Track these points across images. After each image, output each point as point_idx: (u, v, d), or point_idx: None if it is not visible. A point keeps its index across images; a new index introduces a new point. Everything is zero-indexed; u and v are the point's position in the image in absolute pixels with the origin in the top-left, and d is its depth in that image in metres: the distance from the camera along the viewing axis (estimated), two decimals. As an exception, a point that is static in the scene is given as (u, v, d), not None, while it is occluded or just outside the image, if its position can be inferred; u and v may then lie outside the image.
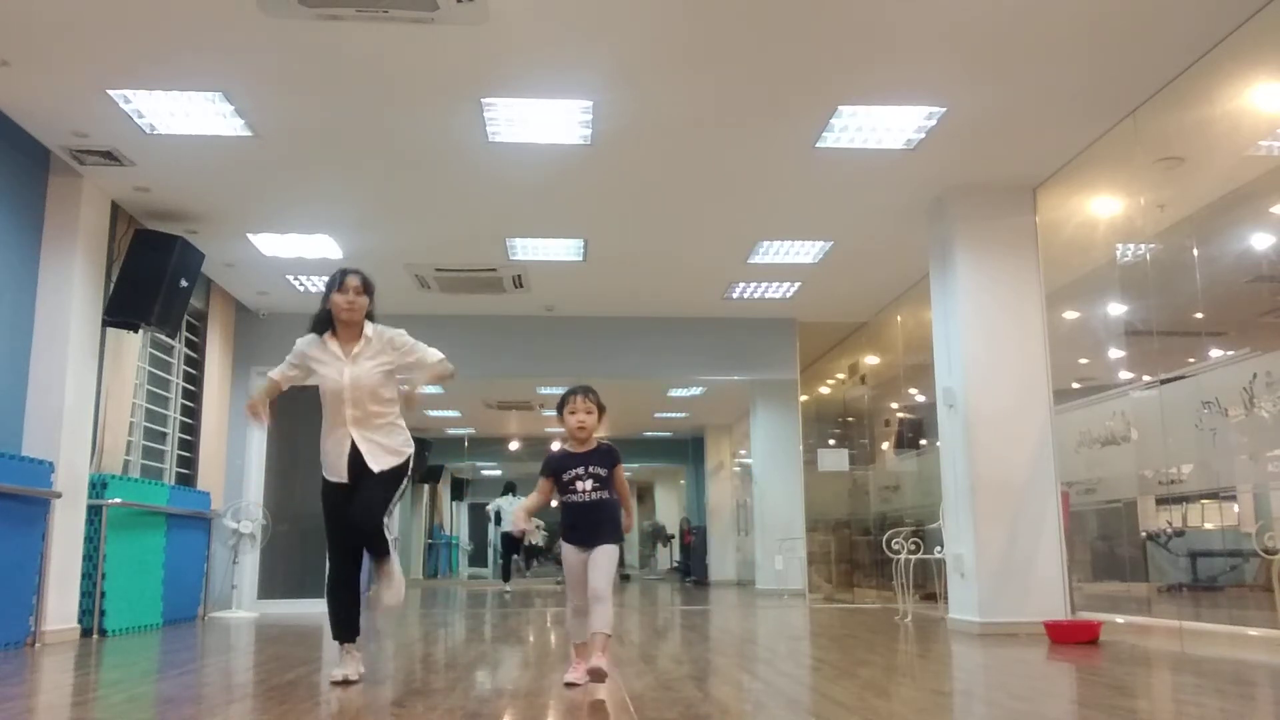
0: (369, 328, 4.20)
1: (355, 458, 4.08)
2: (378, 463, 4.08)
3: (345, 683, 3.97)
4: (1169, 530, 6.24)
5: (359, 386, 4.09)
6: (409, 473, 4.22)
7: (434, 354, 4.30)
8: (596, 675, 3.63)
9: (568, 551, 3.94)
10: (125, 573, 7.00)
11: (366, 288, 4.20)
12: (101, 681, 4.32)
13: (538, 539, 17.23)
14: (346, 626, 4.12)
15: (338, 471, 4.12)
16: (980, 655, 5.19)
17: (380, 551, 4.03)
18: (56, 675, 4.55)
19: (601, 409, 4.02)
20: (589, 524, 3.90)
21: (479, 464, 22.84)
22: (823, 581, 11.67)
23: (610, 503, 3.94)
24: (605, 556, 3.86)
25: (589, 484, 3.91)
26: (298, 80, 5.35)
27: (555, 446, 4.19)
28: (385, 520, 4.09)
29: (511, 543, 14.67)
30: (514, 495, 14.96)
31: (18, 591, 5.70)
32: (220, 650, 5.79)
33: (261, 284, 9.11)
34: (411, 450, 4.23)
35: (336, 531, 4.13)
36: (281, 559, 9.54)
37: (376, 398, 4.12)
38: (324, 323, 4.23)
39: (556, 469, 3.96)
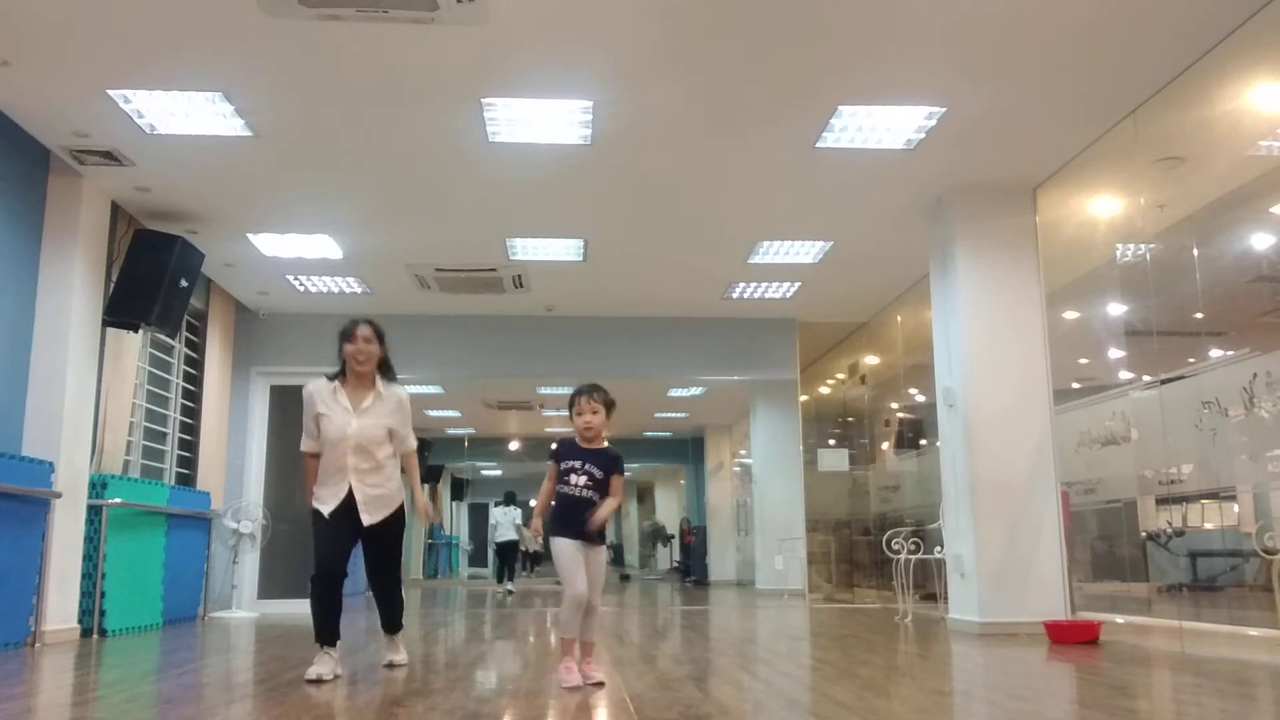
0: (380, 384, 4.34)
1: (349, 504, 4.25)
2: (371, 516, 4.27)
3: (319, 681, 4.02)
4: (1169, 530, 6.25)
5: (364, 438, 4.24)
6: (404, 516, 4.50)
7: (413, 440, 4.50)
8: (600, 686, 3.85)
9: (565, 545, 3.94)
10: (125, 573, 7.00)
11: (378, 336, 4.33)
12: (101, 681, 4.32)
13: (535, 545, 17.33)
14: (330, 629, 4.22)
15: (328, 506, 4.26)
16: (980, 655, 5.19)
17: (392, 609, 4.52)
18: (56, 675, 4.55)
19: (610, 405, 4.07)
20: (579, 519, 3.95)
21: (479, 464, 22.83)
22: (823, 581, 11.67)
23: (597, 505, 4.00)
24: (600, 569, 4.02)
25: (582, 479, 3.97)
26: (298, 80, 5.35)
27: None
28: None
29: (505, 550, 14.84)
30: (512, 506, 15.07)
31: (18, 591, 5.70)
32: (220, 650, 5.79)
33: (261, 284, 9.11)
34: (404, 498, 4.45)
35: (326, 541, 4.24)
36: (281, 559, 9.54)
37: (378, 450, 4.28)
38: (341, 370, 4.36)
39: (560, 455, 4.04)
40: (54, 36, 4.89)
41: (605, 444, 4.08)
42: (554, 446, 4.10)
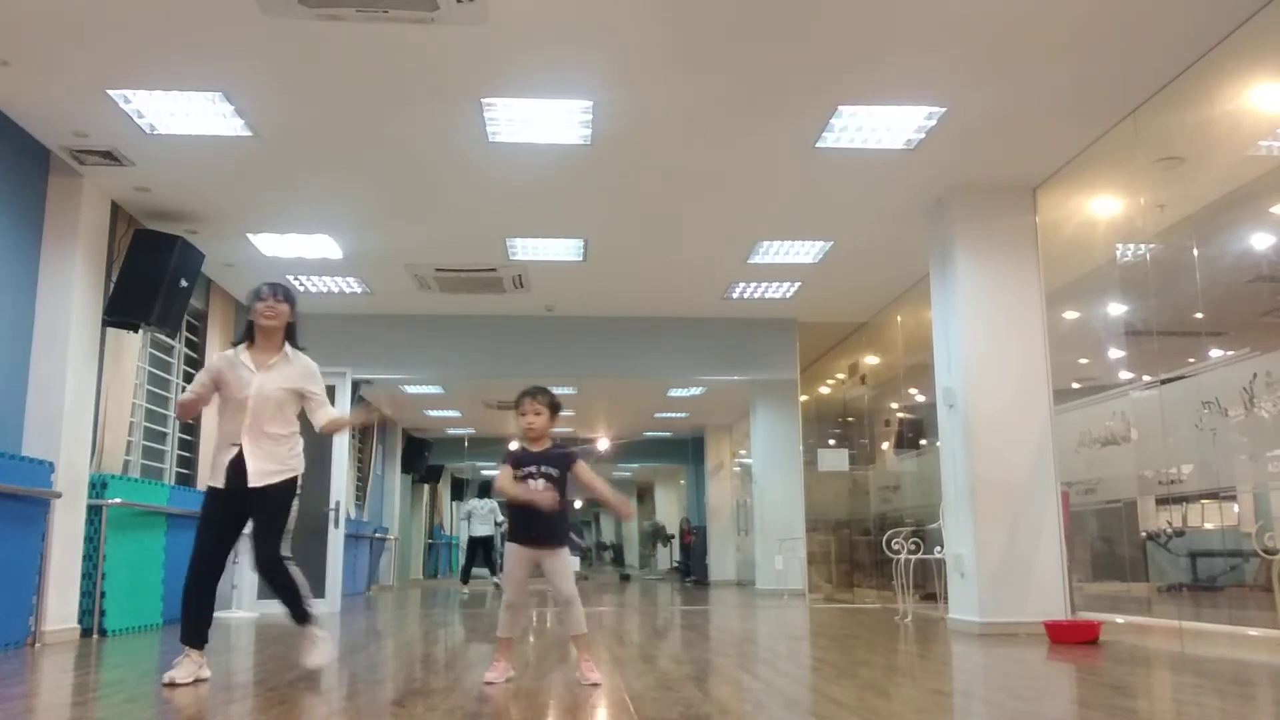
0: (289, 349, 4.34)
1: (238, 467, 4.15)
2: (260, 477, 4.13)
3: (173, 685, 3.94)
4: (1169, 530, 6.25)
5: (263, 396, 4.20)
6: (297, 493, 4.32)
7: (332, 410, 4.42)
8: (596, 686, 3.88)
9: (513, 550, 4.10)
10: (125, 573, 6.99)
11: (288, 297, 4.37)
12: (101, 681, 4.32)
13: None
14: (198, 631, 4.16)
15: (218, 475, 4.19)
16: (980, 655, 5.19)
17: (286, 594, 4.23)
18: (56, 675, 4.55)
19: (554, 409, 4.17)
20: (538, 524, 4.04)
21: (479, 464, 22.81)
22: (823, 581, 11.67)
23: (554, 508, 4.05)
24: (561, 562, 4.09)
25: (540, 484, 4.04)
26: (298, 80, 5.35)
27: (514, 445, 4.30)
28: (284, 556, 4.23)
29: (475, 546, 14.78)
30: (489, 498, 15.11)
31: (18, 591, 5.70)
32: (220, 650, 5.79)
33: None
34: (300, 469, 4.30)
35: (208, 533, 4.18)
36: (281, 559, 9.52)
37: (278, 413, 4.22)
38: (247, 334, 4.38)
39: (515, 463, 4.11)
40: (54, 36, 4.89)
41: (549, 443, 4.16)
42: (509, 451, 4.17)
